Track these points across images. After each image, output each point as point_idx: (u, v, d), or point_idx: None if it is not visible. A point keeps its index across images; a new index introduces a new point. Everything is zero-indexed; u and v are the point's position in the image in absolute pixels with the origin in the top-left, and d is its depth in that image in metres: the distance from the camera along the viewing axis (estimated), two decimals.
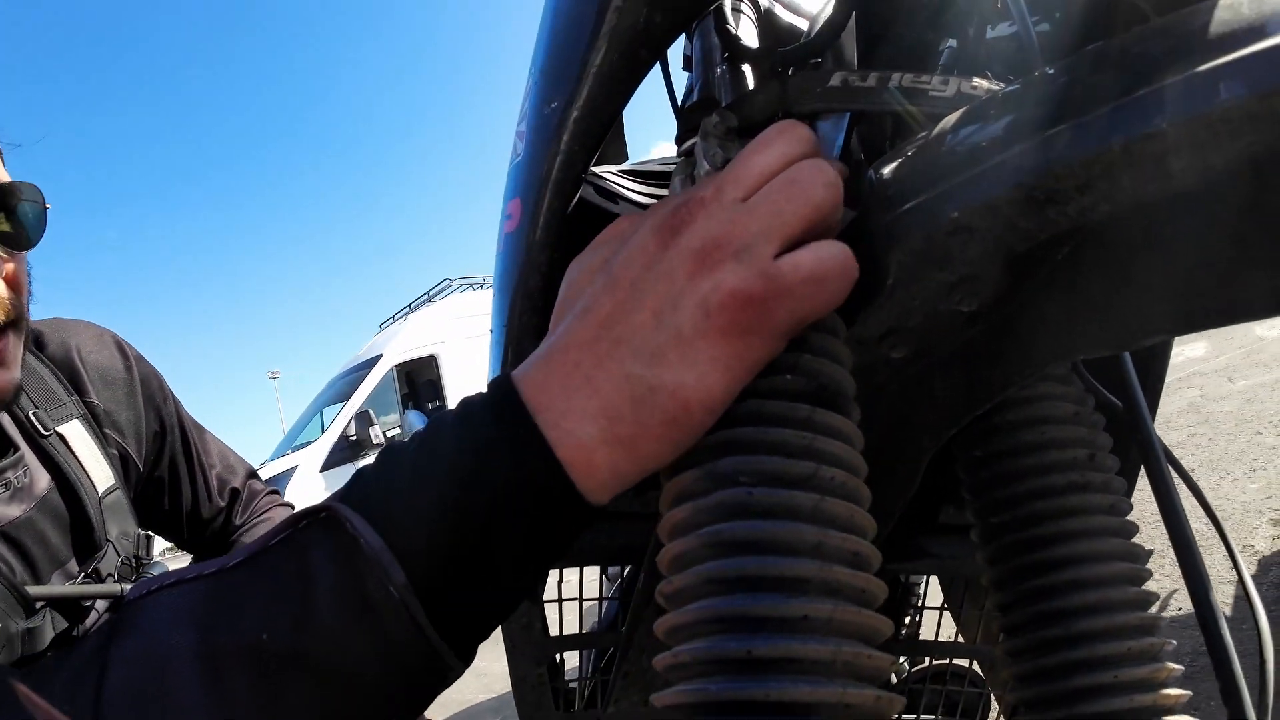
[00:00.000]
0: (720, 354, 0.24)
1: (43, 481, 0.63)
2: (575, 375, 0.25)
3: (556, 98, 0.35)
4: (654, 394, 0.24)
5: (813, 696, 0.19)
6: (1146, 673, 0.31)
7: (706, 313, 0.24)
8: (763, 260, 0.24)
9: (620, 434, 0.24)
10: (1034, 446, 0.37)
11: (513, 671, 0.48)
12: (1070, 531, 0.34)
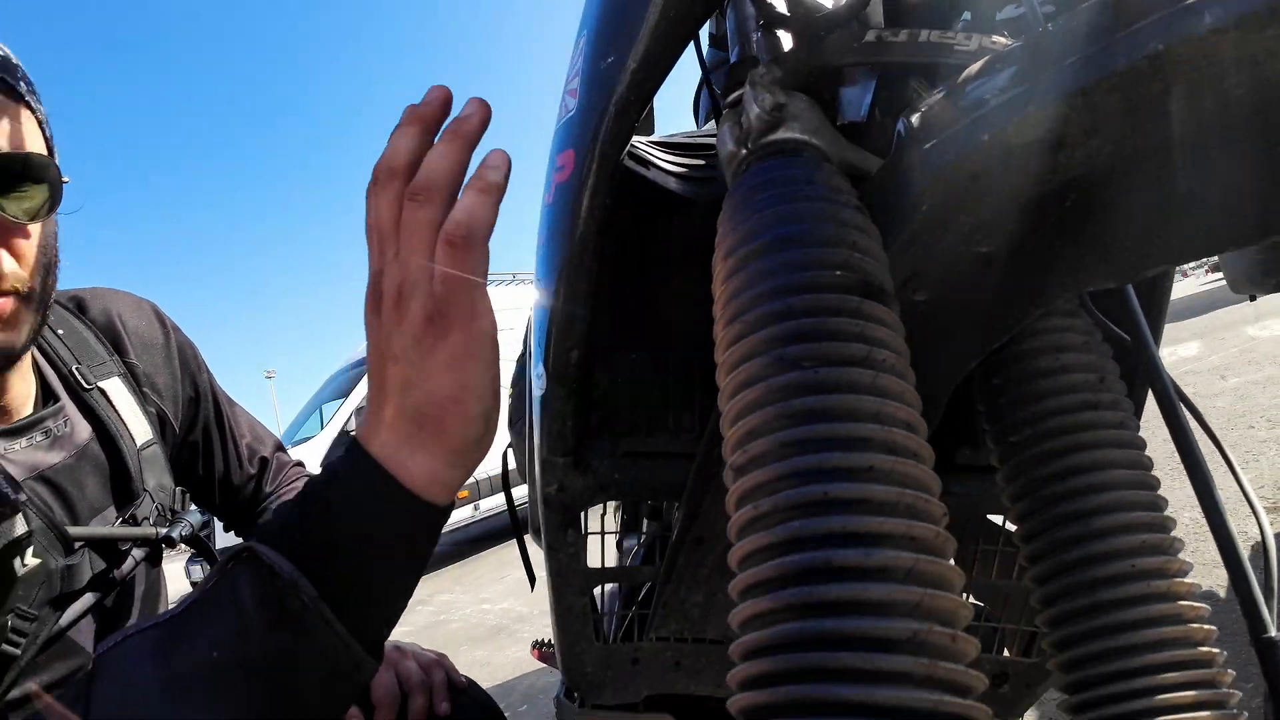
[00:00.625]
0: (439, 361, 0.34)
1: (83, 432, 0.65)
2: (377, 421, 0.35)
3: (613, 53, 0.39)
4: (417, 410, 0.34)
5: (880, 528, 0.22)
6: (1159, 563, 0.34)
7: (418, 340, 0.33)
8: (425, 285, 0.33)
9: (414, 443, 0.34)
10: (1048, 371, 0.41)
11: (559, 603, 0.52)
12: (1084, 443, 0.38)
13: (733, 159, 0.37)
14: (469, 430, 0.35)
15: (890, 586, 0.21)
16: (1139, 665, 0.32)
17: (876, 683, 0.19)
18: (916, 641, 0.20)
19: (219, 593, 0.34)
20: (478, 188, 0.34)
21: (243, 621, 0.32)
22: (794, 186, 0.32)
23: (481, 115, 0.35)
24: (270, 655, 0.32)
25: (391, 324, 0.34)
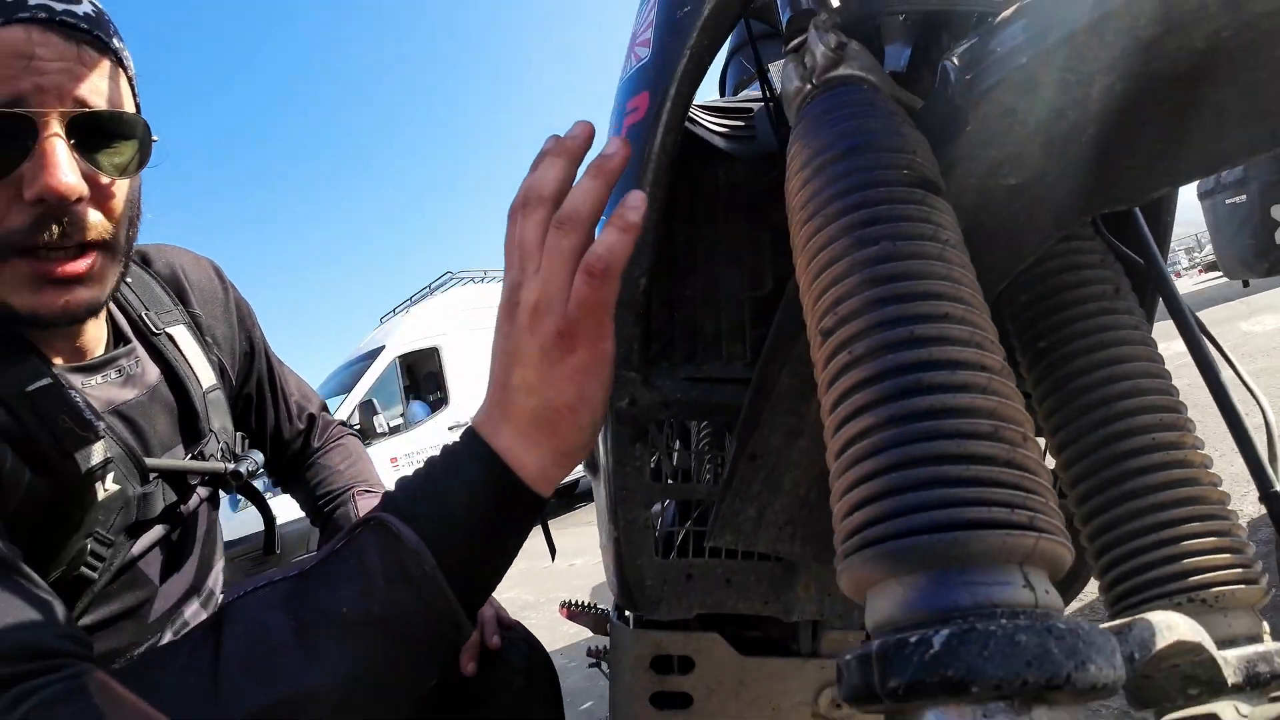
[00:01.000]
0: (564, 372, 0.38)
1: (153, 374, 0.67)
2: (499, 417, 0.40)
3: (690, 3, 0.44)
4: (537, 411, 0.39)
5: (960, 355, 0.27)
6: (1176, 437, 0.39)
7: (546, 352, 0.38)
8: (561, 305, 0.38)
9: (531, 442, 0.39)
10: (1070, 285, 0.46)
11: (623, 517, 0.56)
12: (1104, 342, 0.43)
13: (798, 93, 0.42)
14: (579, 436, 0.40)
15: (973, 395, 0.26)
16: (1164, 519, 0.37)
17: (971, 462, 0.24)
18: (997, 435, 0.25)
19: (347, 554, 0.38)
20: (618, 225, 0.39)
21: (369, 582, 0.36)
22: (859, 108, 0.37)
23: (623, 155, 0.40)
24: (392, 614, 0.36)
25: (524, 333, 0.39)
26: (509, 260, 0.40)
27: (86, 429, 0.56)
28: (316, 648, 0.36)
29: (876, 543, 0.24)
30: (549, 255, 0.38)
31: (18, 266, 0.51)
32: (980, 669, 0.20)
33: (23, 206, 0.50)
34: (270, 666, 0.35)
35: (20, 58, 0.48)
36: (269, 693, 0.35)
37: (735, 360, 0.57)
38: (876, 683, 0.22)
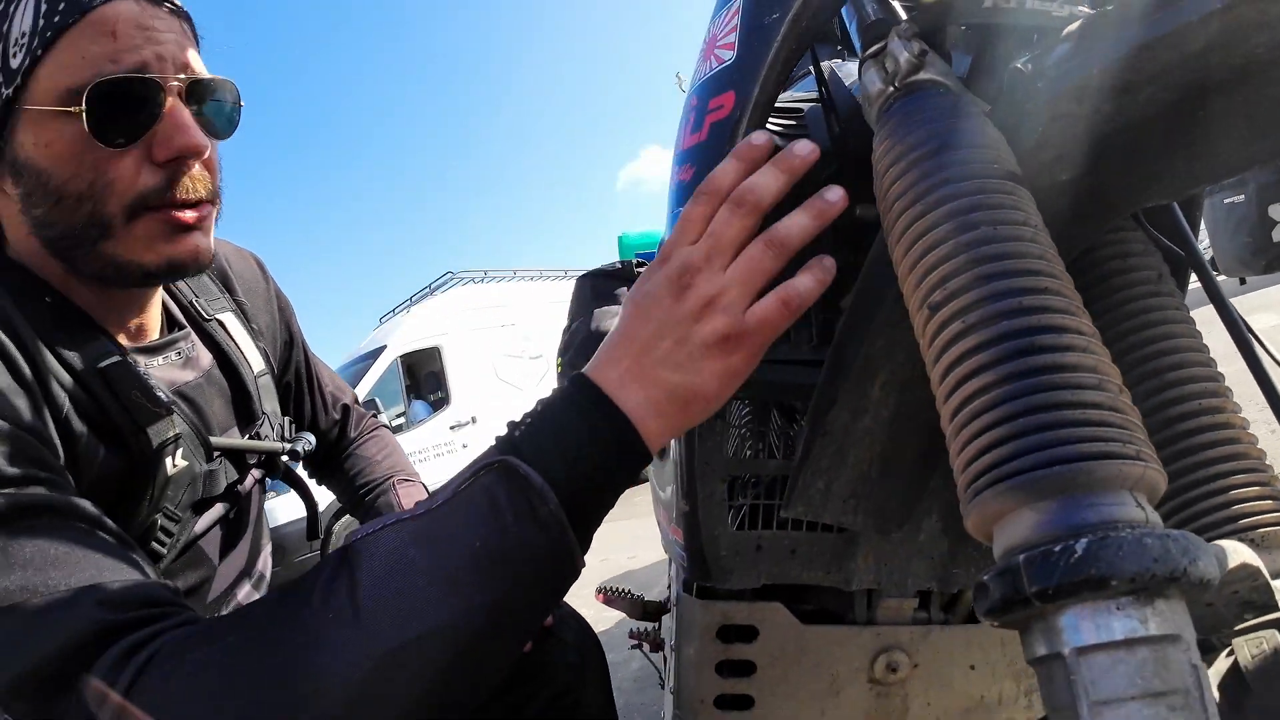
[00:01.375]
0: (716, 368, 0.41)
1: (206, 358, 0.68)
2: (630, 378, 0.41)
3: (777, 9, 0.48)
4: (677, 389, 0.41)
5: (1063, 322, 0.32)
6: (1220, 402, 0.44)
7: (707, 344, 0.41)
8: (739, 313, 0.41)
9: (659, 410, 0.41)
10: (1117, 271, 0.51)
11: (702, 490, 0.60)
12: (1151, 321, 0.48)
13: (880, 95, 0.46)
14: (699, 420, 0.42)
15: (1078, 354, 0.30)
16: (1213, 472, 0.42)
17: (1085, 407, 0.29)
18: (1101, 386, 0.30)
19: (473, 494, 0.39)
20: (810, 210, 0.42)
21: (499, 520, 0.38)
22: (946, 110, 0.42)
23: (809, 158, 0.43)
24: (522, 551, 0.38)
25: (689, 318, 0.41)
26: (687, 233, 0.42)
27: (158, 404, 0.58)
28: (455, 581, 0.36)
29: (1010, 477, 0.28)
30: (749, 266, 0.41)
31: (150, 222, 0.53)
32: (1118, 566, 0.24)
33: (153, 167, 0.52)
34: (411, 599, 0.36)
35: (141, 29, 0.51)
36: (414, 624, 0.35)
37: (802, 344, 0.62)
38: (1026, 589, 0.26)
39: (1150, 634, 0.25)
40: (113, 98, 0.49)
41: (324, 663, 0.34)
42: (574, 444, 0.39)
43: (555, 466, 0.39)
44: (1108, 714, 0.25)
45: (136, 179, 0.52)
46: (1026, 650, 0.28)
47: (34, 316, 0.53)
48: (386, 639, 0.35)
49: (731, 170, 0.43)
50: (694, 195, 0.43)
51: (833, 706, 0.67)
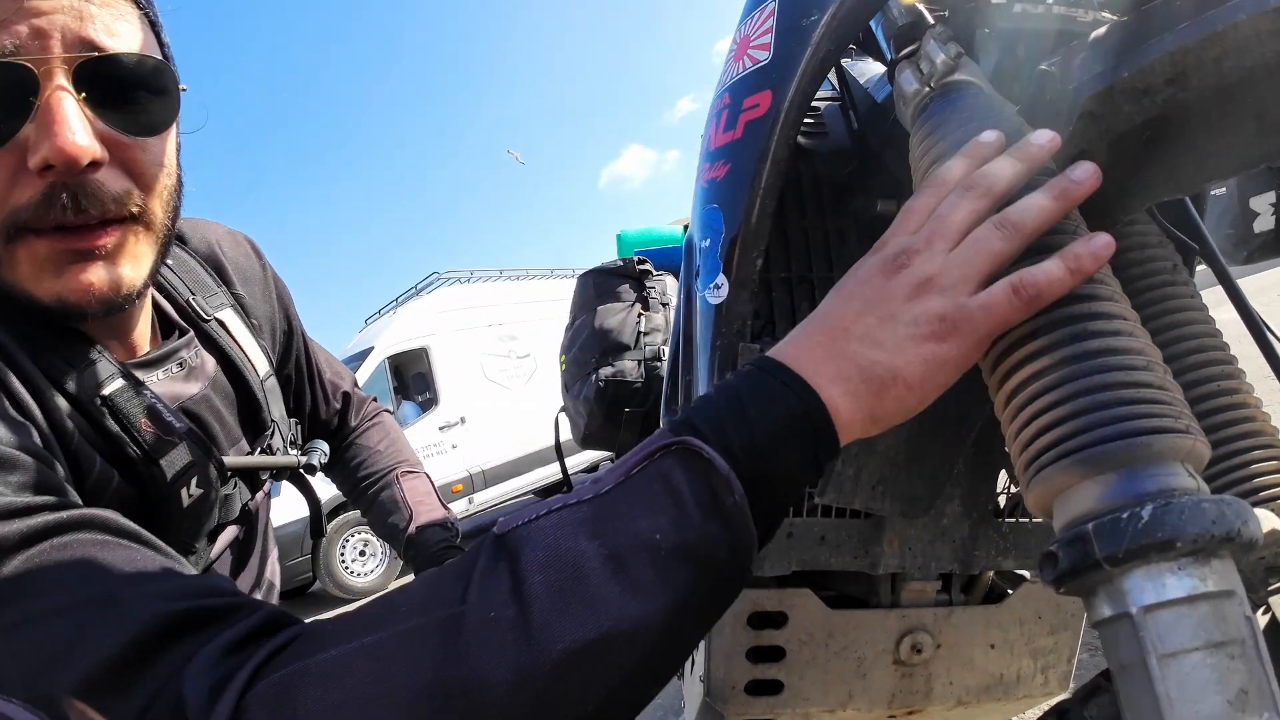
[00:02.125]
0: (923, 352, 0.35)
1: (210, 364, 0.62)
2: (824, 355, 0.36)
3: (815, 12, 0.50)
4: (874, 367, 0.35)
5: (1110, 308, 0.34)
6: (1235, 384, 0.47)
7: (916, 324, 0.35)
8: (960, 296, 0.35)
9: (852, 391, 0.35)
10: (1136, 261, 0.53)
11: None
12: (1169, 309, 0.50)
13: (917, 94, 0.48)
14: (896, 413, 0.36)
15: (1126, 338, 0.32)
16: (1234, 448, 0.44)
17: (1135, 386, 0.31)
18: (1149, 366, 0.32)
19: (649, 479, 0.33)
20: (1053, 190, 0.36)
21: (681, 509, 0.32)
22: (986, 108, 0.44)
23: (1050, 146, 0.39)
24: (704, 544, 0.32)
25: (899, 295, 0.36)
26: (909, 223, 0.38)
27: (170, 433, 0.52)
28: (635, 577, 0.31)
29: (1074, 453, 0.30)
30: (976, 247, 0.35)
31: (33, 247, 0.43)
32: (1182, 529, 0.27)
33: (29, 178, 0.42)
34: (586, 596, 0.31)
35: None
36: (591, 625, 0.30)
37: None
38: (1096, 553, 0.28)
39: (1210, 590, 0.27)
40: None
41: (491, 671, 0.29)
42: (761, 427, 0.34)
43: (738, 448, 0.33)
44: (1174, 665, 0.27)
45: (8, 195, 0.42)
46: (1092, 614, 0.30)
47: (26, 339, 0.46)
48: (562, 641, 0.30)
49: (959, 166, 0.39)
50: (917, 190, 0.39)
51: (860, 689, 0.69)
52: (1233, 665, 0.27)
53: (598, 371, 1.33)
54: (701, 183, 0.64)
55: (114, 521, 0.39)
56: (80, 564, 0.35)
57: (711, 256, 0.60)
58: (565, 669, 0.30)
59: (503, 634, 0.30)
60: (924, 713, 0.73)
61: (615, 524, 0.32)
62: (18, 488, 0.37)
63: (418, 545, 0.78)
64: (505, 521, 0.34)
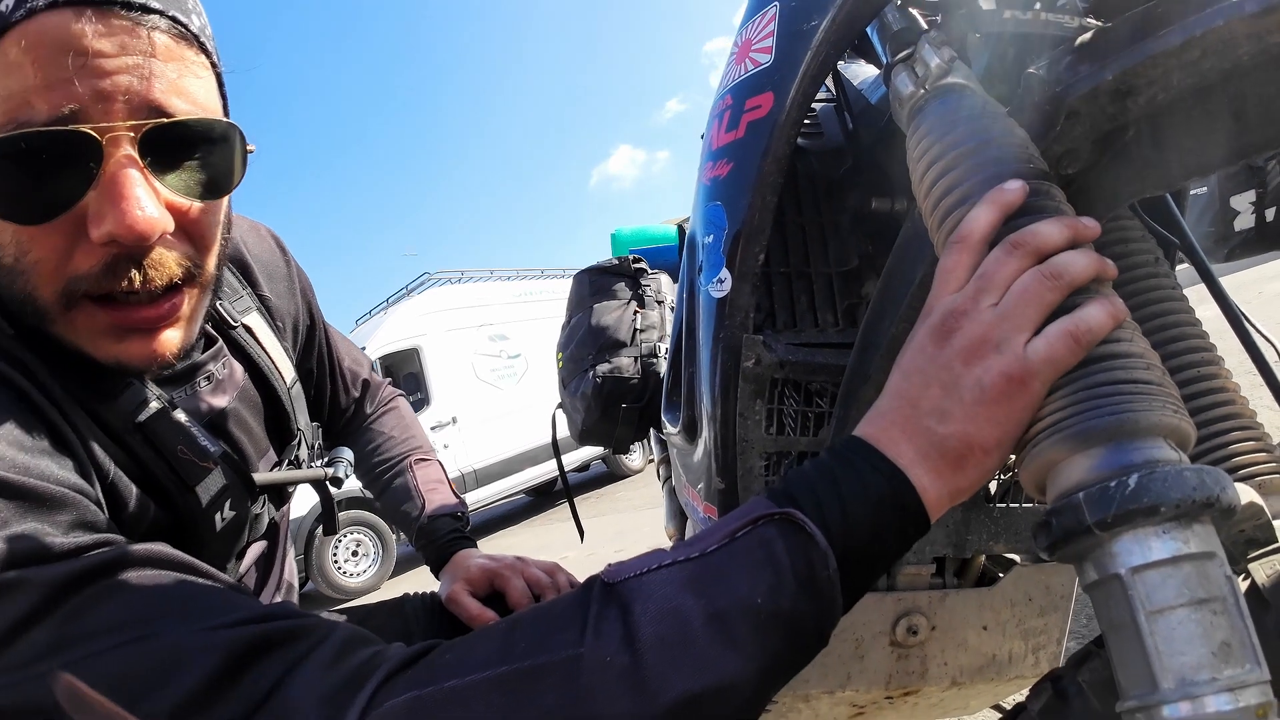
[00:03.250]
0: (994, 414, 0.35)
1: (239, 373, 0.61)
2: (901, 435, 0.37)
3: (815, 17, 0.52)
4: (948, 440, 0.35)
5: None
6: (1215, 370, 0.49)
7: (982, 388, 0.35)
8: (1017, 349, 0.35)
9: (934, 469, 0.35)
10: (1120, 255, 0.56)
11: (742, 466, 0.63)
12: (1151, 299, 0.53)
13: (913, 96, 0.50)
14: (980, 479, 0.36)
15: (1128, 344, 0.35)
16: (1215, 430, 0.47)
17: (1134, 382, 0.33)
18: (1149, 366, 0.34)
19: (751, 545, 0.35)
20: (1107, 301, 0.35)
21: (779, 576, 0.34)
22: (977, 110, 0.46)
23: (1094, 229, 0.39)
24: (798, 613, 0.34)
25: (955, 362, 0.36)
26: (949, 284, 0.39)
27: (205, 458, 0.52)
28: (735, 637, 0.33)
29: (1065, 429, 0.33)
30: (1023, 298, 0.35)
31: (92, 315, 0.43)
32: (1166, 495, 0.29)
33: (90, 246, 0.40)
34: (692, 651, 0.33)
35: (78, 55, 0.37)
36: (696, 679, 0.32)
37: (828, 328, 0.66)
38: (1086, 519, 0.30)
39: (1192, 551, 0.30)
40: (24, 158, 0.37)
41: (607, 713, 0.32)
42: (850, 500, 0.35)
43: (834, 524, 0.35)
44: (1161, 621, 0.29)
45: (67, 262, 0.41)
46: (1083, 578, 0.33)
47: (59, 370, 0.45)
48: (670, 692, 0.32)
49: (983, 218, 0.39)
50: (947, 248, 0.40)
51: (858, 670, 0.72)
52: (1215, 620, 0.29)
53: (595, 368, 1.35)
54: (704, 181, 0.66)
55: (168, 554, 0.39)
56: (146, 594, 0.37)
57: (715, 252, 0.62)
58: (671, 718, 0.32)
59: (618, 680, 0.32)
60: (920, 693, 0.75)
61: (719, 584, 0.34)
62: (68, 527, 0.38)
63: (429, 534, 0.80)
64: (614, 571, 0.37)
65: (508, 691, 0.32)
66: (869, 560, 0.36)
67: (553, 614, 0.36)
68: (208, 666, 0.33)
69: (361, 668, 0.34)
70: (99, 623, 0.35)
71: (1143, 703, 0.30)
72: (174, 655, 0.34)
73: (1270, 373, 0.52)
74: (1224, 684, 0.28)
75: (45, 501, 0.38)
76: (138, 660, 0.34)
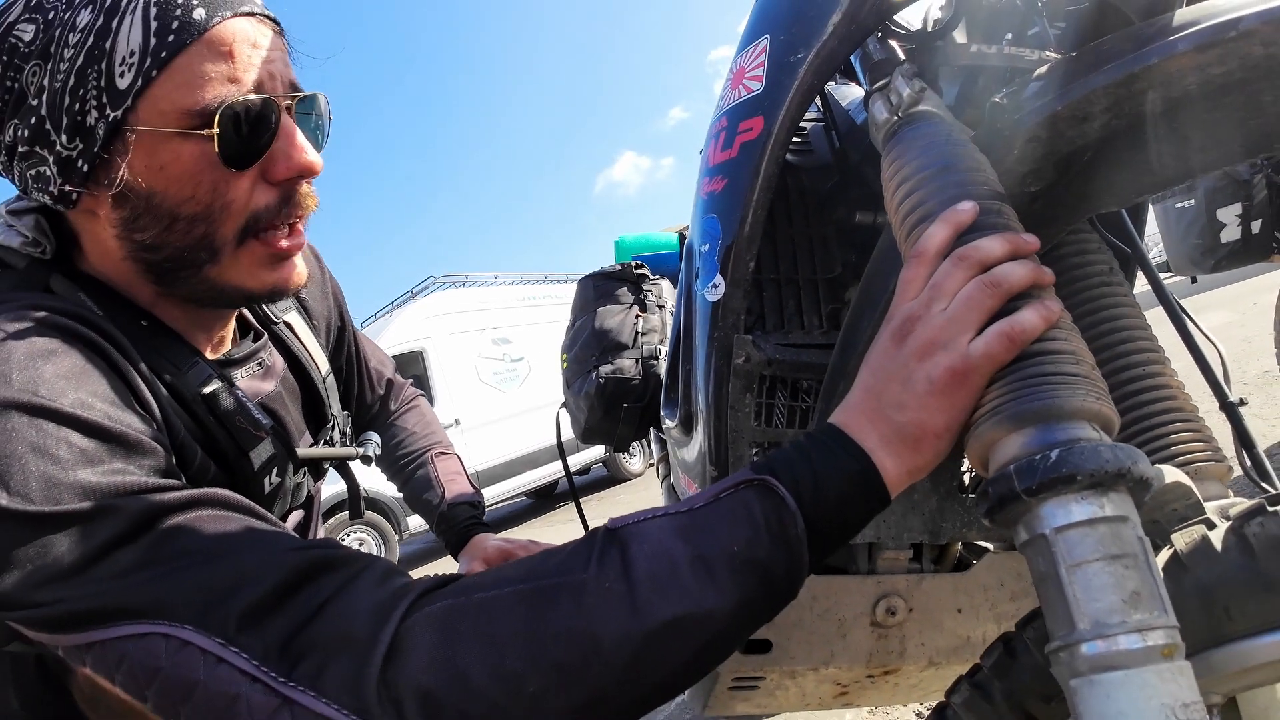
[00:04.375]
0: (942, 403, 0.41)
1: (279, 364, 0.68)
2: (867, 423, 0.43)
3: (801, 50, 0.58)
4: (906, 427, 0.41)
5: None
6: (1160, 368, 0.55)
7: (931, 381, 0.41)
8: (961, 347, 0.41)
9: (895, 451, 0.41)
10: (1077, 265, 0.62)
11: (733, 454, 0.69)
12: (1103, 305, 0.59)
13: (887, 122, 0.56)
14: (933, 458, 0.42)
15: (1061, 342, 0.40)
16: (1156, 422, 0.52)
17: (1062, 374, 0.38)
18: (1078, 361, 0.40)
19: (733, 504, 0.41)
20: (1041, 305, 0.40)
21: (755, 530, 0.40)
22: (943, 136, 0.52)
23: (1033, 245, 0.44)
24: (770, 562, 0.40)
25: (910, 361, 0.42)
26: (907, 293, 0.45)
27: (258, 428, 0.59)
28: (713, 575, 0.39)
29: (1002, 412, 0.38)
30: (966, 303, 0.41)
31: (254, 249, 0.54)
32: (1081, 466, 0.34)
33: (266, 186, 0.53)
34: (676, 584, 0.39)
35: (254, 47, 0.51)
36: (676, 606, 0.38)
37: (813, 329, 0.72)
38: (1016, 488, 0.36)
39: (1107, 515, 0.35)
40: (238, 119, 0.49)
41: (603, 628, 0.38)
42: (821, 474, 0.41)
43: (805, 493, 0.41)
44: (1079, 572, 0.35)
45: (251, 199, 0.52)
46: (1016, 539, 0.38)
47: (138, 342, 0.52)
48: (656, 615, 0.38)
49: (938, 235, 0.45)
50: (907, 261, 0.46)
51: (841, 648, 0.77)
52: (1126, 573, 0.35)
53: (598, 369, 1.41)
54: (701, 195, 0.72)
55: (235, 497, 0.46)
56: (218, 526, 0.43)
57: (710, 260, 0.68)
58: (655, 637, 0.38)
59: (616, 603, 0.38)
60: (899, 673, 0.81)
61: (704, 533, 0.41)
62: (150, 470, 0.45)
63: (449, 520, 0.87)
64: (616, 520, 0.43)
65: (527, 604, 0.39)
66: (836, 526, 0.42)
67: (565, 551, 0.43)
68: (272, 581, 0.40)
69: (403, 586, 0.41)
70: (178, 547, 0.41)
71: (1065, 642, 0.35)
72: (243, 572, 0.40)
73: (1210, 371, 0.57)
74: (1133, 626, 0.34)
75: (133, 446, 0.44)
76: (211, 576, 0.40)
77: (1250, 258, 2.00)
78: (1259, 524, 0.40)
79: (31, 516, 0.40)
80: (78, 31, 0.47)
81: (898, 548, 0.76)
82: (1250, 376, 3.14)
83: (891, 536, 0.74)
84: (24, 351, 0.45)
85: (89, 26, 0.47)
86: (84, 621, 0.40)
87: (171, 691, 0.39)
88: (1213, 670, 0.41)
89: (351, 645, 0.38)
